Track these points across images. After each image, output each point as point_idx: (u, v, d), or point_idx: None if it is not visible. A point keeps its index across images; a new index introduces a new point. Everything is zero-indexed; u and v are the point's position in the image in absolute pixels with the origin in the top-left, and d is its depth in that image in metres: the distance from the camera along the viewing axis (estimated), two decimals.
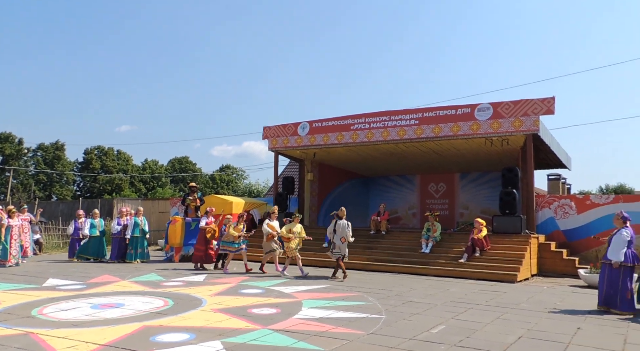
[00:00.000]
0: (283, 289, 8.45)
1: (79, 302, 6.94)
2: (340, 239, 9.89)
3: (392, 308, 6.83)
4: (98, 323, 5.59)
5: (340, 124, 14.81)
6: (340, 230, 9.93)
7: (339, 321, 5.86)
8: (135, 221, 13.12)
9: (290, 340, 4.95)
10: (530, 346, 4.95)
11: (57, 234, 18.60)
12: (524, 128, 12.12)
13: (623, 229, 6.98)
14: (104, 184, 49.38)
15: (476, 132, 12.72)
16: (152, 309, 6.47)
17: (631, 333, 5.68)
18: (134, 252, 12.96)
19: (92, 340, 4.85)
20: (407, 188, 20.00)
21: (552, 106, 11.92)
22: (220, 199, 15.75)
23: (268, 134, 16.16)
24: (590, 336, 5.46)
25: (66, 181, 50.80)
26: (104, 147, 51.65)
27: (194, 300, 7.20)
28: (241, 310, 6.54)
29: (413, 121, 13.63)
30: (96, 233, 13.44)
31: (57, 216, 20.20)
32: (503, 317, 6.38)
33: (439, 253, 11.80)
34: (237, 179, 55.79)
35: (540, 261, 11.73)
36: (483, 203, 18.04)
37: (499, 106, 12.51)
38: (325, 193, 17.91)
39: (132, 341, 4.82)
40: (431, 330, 5.51)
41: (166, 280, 9.42)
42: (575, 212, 12.51)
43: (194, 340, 4.91)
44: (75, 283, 8.95)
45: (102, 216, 14.99)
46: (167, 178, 53.71)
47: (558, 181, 19.60)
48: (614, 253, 6.90)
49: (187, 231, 13.39)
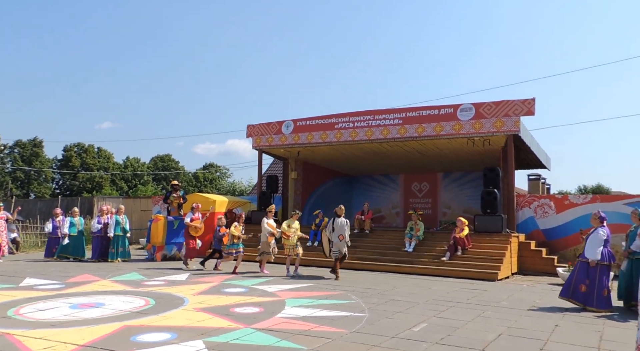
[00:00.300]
0: (266, 288, 8.43)
1: (57, 302, 6.80)
2: (338, 236, 9.82)
3: (375, 306, 6.87)
4: (77, 323, 5.49)
5: (324, 123, 14.83)
6: (338, 228, 9.88)
7: (322, 320, 5.87)
8: (117, 219, 12.92)
9: (273, 339, 4.94)
10: (510, 343, 5.03)
11: (35, 233, 18.21)
12: (505, 129, 12.30)
13: (600, 228, 7.15)
14: (84, 182, 48.46)
15: (459, 132, 12.87)
16: (133, 308, 6.38)
17: (607, 329, 5.82)
18: (115, 251, 12.76)
19: (70, 340, 4.76)
20: (391, 187, 20.12)
21: (532, 107, 12.13)
22: (203, 197, 15.62)
23: (252, 133, 16.09)
24: (567, 333, 5.58)
25: (45, 179, 49.72)
26: (84, 145, 50.72)
27: (176, 299, 7.13)
28: (224, 309, 6.49)
29: (397, 120, 13.72)
30: (75, 231, 13.20)
31: (35, 214, 19.78)
32: (484, 315, 6.47)
33: (422, 251, 11.91)
34: (220, 178, 55.39)
35: (521, 259, 11.93)
36: (465, 203, 18.26)
37: (481, 106, 12.68)
38: (309, 192, 17.92)
39: (112, 342, 4.74)
40: (413, 328, 5.55)
41: (148, 279, 9.30)
42: (554, 212, 12.76)
43: (176, 339, 4.86)
44: (54, 282, 8.77)
45: (82, 215, 14.73)
46: (149, 176, 53.01)
47: (538, 181, 19.97)
48: (590, 251, 7.06)
49: (170, 230, 13.25)
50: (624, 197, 12.50)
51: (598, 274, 6.99)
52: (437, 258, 11.38)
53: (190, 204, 13.07)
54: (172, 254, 13.19)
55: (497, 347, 4.85)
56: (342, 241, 9.84)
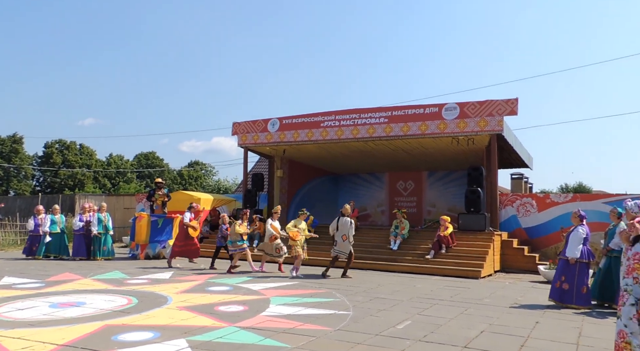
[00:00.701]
0: (251, 286, 8.40)
1: (36, 301, 6.68)
2: (342, 236, 9.65)
3: (360, 304, 6.90)
4: (57, 323, 5.40)
5: (310, 121, 14.82)
6: (341, 227, 9.69)
7: (307, 318, 5.87)
8: (99, 217, 12.73)
9: (257, 337, 4.92)
10: (492, 340, 5.10)
11: (14, 231, 17.84)
12: (488, 128, 12.45)
13: (579, 226, 7.29)
14: (65, 179, 47.64)
15: (443, 132, 12.98)
16: (114, 307, 6.29)
17: (586, 326, 5.94)
18: (98, 249, 12.57)
19: (49, 340, 4.68)
20: (376, 185, 20.21)
21: (515, 107, 12.30)
22: (188, 195, 15.49)
23: (238, 130, 16.00)
24: (548, 329, 5.68)
25: (25, 176, 48.74)
26: (66, 141, 49.83)
27: (159, 298, 7.05)
28: (208, 307, 6.45)
29: (382, 119, 13.78)
30: (56, 229, 12.97)
31: (14, 212, 19.38)
32: (467, 312, 6.55)
33: (407, 250, 11.99)
34: (206, 176, 54.96)
35: (503, 257, 12.10)
36: (450, 201, 18.44)
37: (465, 106, 12.81)
38: (294, 190, 17.89)
39: (92, 341, 4.67)
40: (397, 326, 5.59)
41: (130, 278, 9.18)
42: (536, 210, 12.96)
43: (158, 338, 4.81)
44: (33, 281, 8.60)
45: (63, 212, 14.47)
46: (133, 174, 52.35)
47: (521, 180, 20.27)
48: (570, 249, 7.20)
49: (154, 229, 13.08)
50: (603, 196, 12.76)
51: (577, 272, 7.13)
52: (422, 256, 11.47)
53: (208, 204, 12.80)
54: (156, 253, 13.04)
55: (479, 344, 4.91)
56: (344, 241, 9.65)
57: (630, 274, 3.47)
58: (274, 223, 10.45)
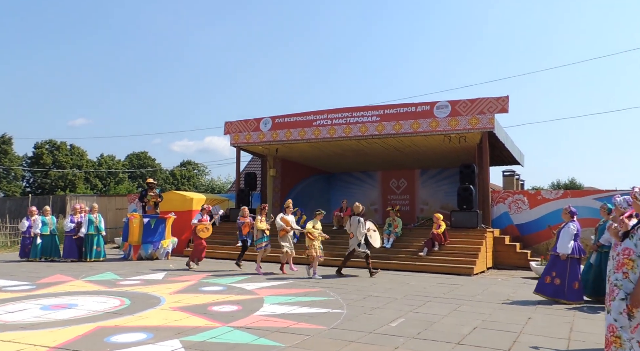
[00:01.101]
0: (245, 286, 8.38)
1: (27, 303, 6.61)
2: (349, 234, 9.85)
3: (354, 302, 6.91)
4: (48, 325, 5.35)
5: (302, 119, 14.81)
6: (348, 226, 9.89)
7: (301, 317, 5.87)
8: (90, 218, 12.63)
9: (250, 337, 4.92)
10: (485, 336, 5.14)
11: (3, 233, 17.63)
12: (480, 126, 12.52)
13: (570, 223, 7.35)
14: (56, 180, 47.18)
15: (435, 129, 13.03)
16: (107, 309, 6.25)
17: (577, 321, 6.00)
18: (89, 250, 12.47)
19: (41, 342, 4.63)
20: (369, 184, 20.26)
21: (506, 105, 12.38)
22: (180, 195, 15.42)
23: (230, 130, 15.95)
24: (539, 325, 5.73)
25: (14, 177, 48.18)
26: (56, 142, 49.32)
27: (152, 299, 7.02)
28: (201, 307, 6.43)
29: (374, 117, 13.80)
30: (47, 231, 12.84)
31: (4, 213, 19.16)
32: (460, 309, 6.58)
33: (400, 247, 12.03)
34: (198, 175, 54.70)
35: (495, 254, 12.19)
36: (442, 199, 18.53)
37: (457, 104, 12.86)
38: (287, 189, 17.88)
39: (84, 343, 4.64)
40: (391, 324, 5.61)
41: (123, 279, 9.12)
42: (527, 207, 13.07)
43: (151, 339, 4.78)
44: (24, 283, 8.52)
45: (54, 214, 14.33)
46: (124, 174, 51.97)
47: (512, 177, 20.44)
48: (561, 245, 7.26)
49: (146, 229, 13.01)
50: (593, 192, 12.89)
51: (569, 267, 7.20)
52: (415, 254, 11.52)
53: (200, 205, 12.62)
54: (149, 254, 12.97)
55: (472, 340, 4.94)
56: (351, 239, 9.83)
57: (620, 270, 3.50)
58: (286, 216, 10.24)
